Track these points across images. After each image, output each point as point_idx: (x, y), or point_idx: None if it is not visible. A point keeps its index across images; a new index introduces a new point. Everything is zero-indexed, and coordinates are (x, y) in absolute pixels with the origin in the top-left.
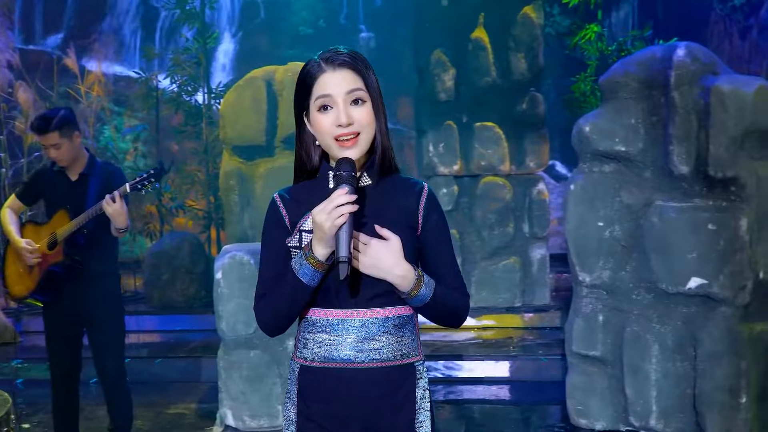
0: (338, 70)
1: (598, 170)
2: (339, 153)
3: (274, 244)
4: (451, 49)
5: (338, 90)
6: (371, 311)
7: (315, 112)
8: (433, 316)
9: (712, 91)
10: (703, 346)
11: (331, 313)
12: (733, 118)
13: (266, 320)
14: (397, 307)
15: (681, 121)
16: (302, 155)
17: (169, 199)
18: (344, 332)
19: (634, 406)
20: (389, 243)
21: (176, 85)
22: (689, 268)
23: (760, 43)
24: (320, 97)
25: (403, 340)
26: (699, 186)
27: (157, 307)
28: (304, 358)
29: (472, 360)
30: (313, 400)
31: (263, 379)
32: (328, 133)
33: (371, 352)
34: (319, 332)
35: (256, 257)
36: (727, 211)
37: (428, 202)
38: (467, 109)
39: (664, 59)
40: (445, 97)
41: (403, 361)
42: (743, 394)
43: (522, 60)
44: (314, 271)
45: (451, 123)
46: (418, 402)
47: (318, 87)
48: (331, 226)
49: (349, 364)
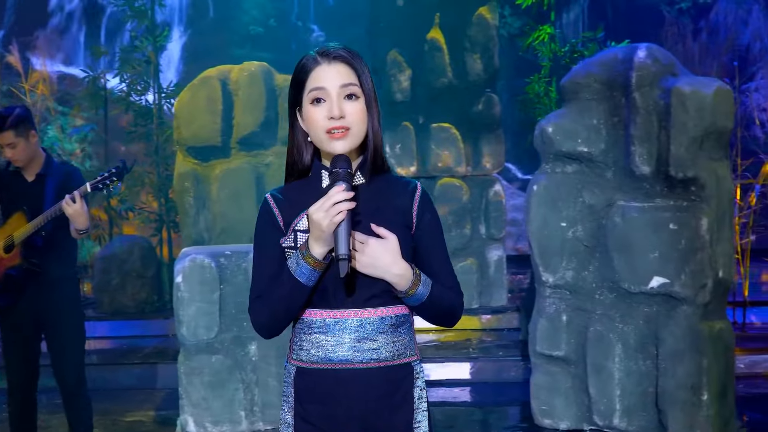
0: (333, 64)
1: (560, 171)
2: (329, 146)
3: (267, 244)
4: (407, 49)
5: (332, 83)
6: (368, 311)
7: (308, 104)
8: (429, 315)
9: (673, 92)
10: (665, 344)
11: (328, 314)
12: (693, 119)
13: (263, 322)
14: (393, 307)
15: (642, 122)
16: (294, 152)
17: (118, 201)
18: (341, 333)
19: (597, 405)
20: (386, 241)
21: (125, 84)
22: (651, 267)
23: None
24: (314, 90)
25: (401, 339)
26: (660, 186)
27: (107, 313)
28: (300, 360)
29: (433, 362)
30: (311, 402)
31: (225, 384)
32: (320, 125)
33: (369, 353)
34: (315, 333)
35: (218, 260)
36: (688, 211)
37: (422, 201)
38: (423, 110)
39: (626, 60)
40: (402, 98)
41: (400, 361)
42: (705, 392)
43: (478, 61)
44: (312, 270)
45: (407, 124)
46: (416, 402)
47: (312, 80)
48: (330, 224)
49: (347, 364)
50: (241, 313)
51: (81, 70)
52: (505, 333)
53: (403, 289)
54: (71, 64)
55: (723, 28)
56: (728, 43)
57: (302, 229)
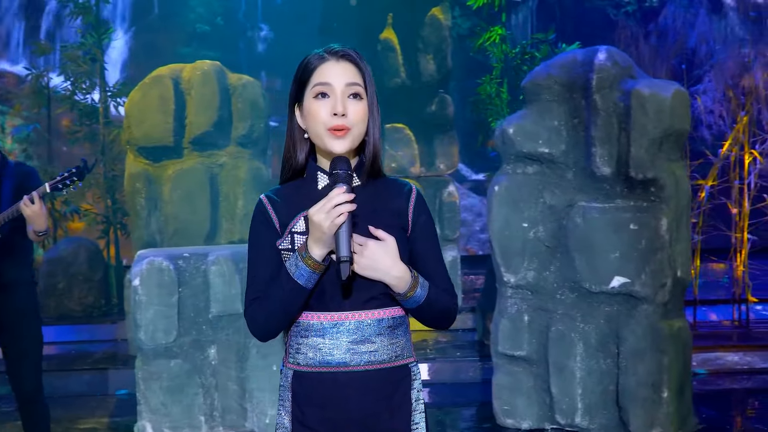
0: (341, 62)
1: (521, 172)
2: (328, 143)
3: (263, 246)
4: (360, 49)
5: (339, 80)
6: (366, 313)
7: (311, 99)
8: (426, 317)
9: (633, 94)
10: (626, 343)
11: (325, 317)
12: (652, 121)
13: (260, 324)
14: (391, 308)
15: (603, 124)
16: (289, 149)
17: (62, 202)
18: (339, 335)
19: (559, 404)
20: (385, 244)
21: (70, 82)
22: (612, 267)
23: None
24: (319, 85)
25: (398, 341)
26: (620, 187)
27: (53, 318)
28: (297, 363)
29: None
30: (309, 405)
31: (184, 389)
32: (322, 121)
33: (367, 355)
34: (312, 336)
35: (176, 262)
36: (648, 212)
37: (417, 203)
38: None
39: (585, 63)
40: None
41: (398, 363)
42: (665, 389)
43: (431, 61)
44: (311, 272)
45: None
46: (414, 404)
47: (318, 75)
48: (331, 226)
49: (344, 367)
50: (199, 317)
51: (24, 67)
52: (460, 334)
53: (401, 291)
54: (9, 61)
55: (672, 31)
56: (677, 46)
57: (299, 231)
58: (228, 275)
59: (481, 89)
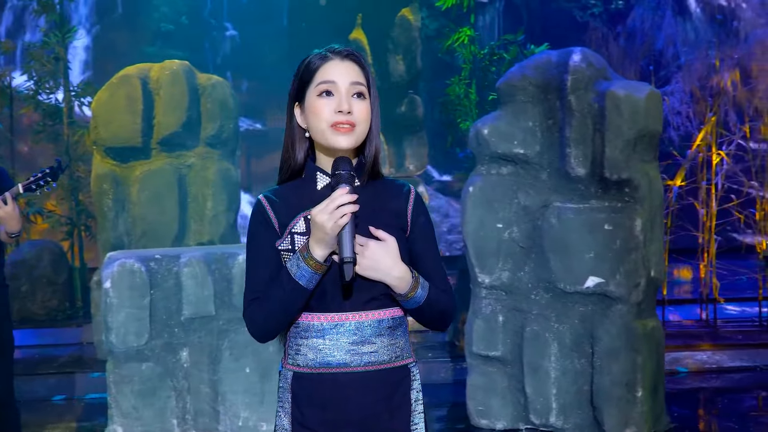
0: (345, 61)
1: (495, 172)
2: (333, 140)
3: (263, 246)
4: None
5: (343, 79)
6: (366, 314)
7: (314, 96)
8: (426, 317)
9: (608, 95)
10: (600, 343)
11: (326, 318)
12: (627, 122)
13: (259, 325)
14: (390, 309)
15: (577, 125)
16: (289, 150)
17: (25, 203)
18: (339, 336)
19: (534, 404)
20: (386, 244)
21: (33, 82)
22: (587, 267)
23: (627, 50)
24: (323, 83)
25: (397, 342)
26: (595, 188)
27: (16, 321)
28: (297, 364)
29: None
30: (309, 406)
31: (156, 392)
32: (326, 118)
33: (367, 356)
34: (312, 337)
35: (148, 264)
36: (623, 212)
37: (416, 204)
38: None
39: (560, 64)
40: None
41: (397, 363)
42: (639, 388)
43: (400, 62)
44: (312, 273)
45: None
46: (413, 404)
47: (322, 73)
48: (334, 226)
49: (344, 368)
50: (171, 319)
51: None
52: (431, 335)
53: (402, 291)
54: None
55: (640, 33)
56: (645, 48)
57: (299, 231)
58: (200, 277)
59: (449, 90)
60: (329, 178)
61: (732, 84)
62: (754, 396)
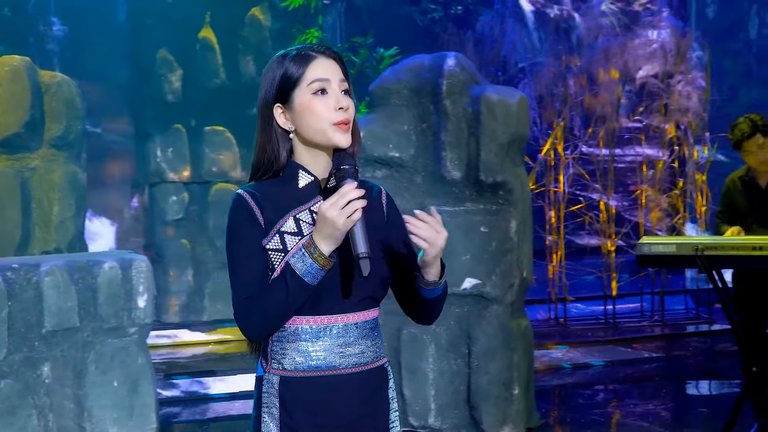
0: (329, 59)
1: (370, 176)
2: (334, 138)
3: (250, 242)
4: (178, 48)
5: (334, 76)
6: (352, 315)
7: (308, 96)
8: (438, 306)
9: (482, 100)
10: (478, 343)
11: (314, 321)
12: (501, 126)
13: (256, 325)
14: (372, 310)
15: (453, 129)
16: (268, 150)
17: None
18: (327, 339)
19: (413, 405)
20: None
21: None
22: (463, 269)
23: (477, 55)
24: (317, 81)
25: (377, 342)
26: (470, 191)
27: None
28: (284, 368)
29: (226, 375)
30: (298, 411)
31: (16, 411)
32: (326, 117)
33: (353, 357)
34: (301, 341)
35: (4, 274)
36: (498, 215)
37: (389, 201)
38: (196, 112)
39: (434, 68)
40: (173, 99)
41: (377, 364)
42: (516, 386)
43: (251, 62)
44: (319, 269)
45: (179, 126)
46: (391, 403)
47: (313, 71)
48: (346, 222)
49: (333, 371)
50: (31, 332)
51: None
52: None
53: (436, 277)
54: None
55: (489, 39)
56: (493, 53)
57: (290, 231)
58: (63, 287)
59: None
60: (311, 176)
61: (579, 89)
62: (610, 389)
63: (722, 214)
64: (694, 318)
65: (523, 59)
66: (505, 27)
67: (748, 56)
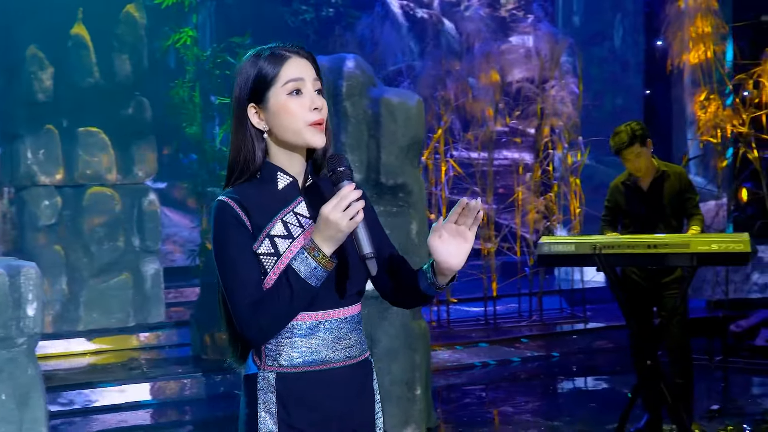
0: (302, 58)
1: None
2: (310, 138)
3: (243, 247)
4: (48, 45)
5: (309, 76)
6: (343, 310)
7: (284, 96)
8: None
9: (382, 102)
10: (380, 344)
11: (309, 317)
12: (401, 128)
13: (263, 327)
14: (358, 305)
15: (353, 131)
16: (243, 151)
17: None
18: (322, 334)
19: None
20: None
21: None
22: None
23: None
24: (292, 81)
25: (362, 335)
26: (370, 193)
27: None
28: (279, 365)
29: (109, 386)
30: (296, 406)
31: None
32: (302, 117)
33: (345, 351)
34: (296, 337)
35: None
36: (399, 216)
37: (363, 195)
38: (68, 113)
39: (333, 69)
40: (44, 99)
41: (364, 356)
42: (418, 386)
43: (126, 61)
44: (323, 271)
45: (51, 127)
46: (375, 394)
47: (287, 71)
48: (350, 224)
49: (327, 365)
50: None
51: None
52: (168, 350)
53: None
54: None
55: (369, 42)
56: (374, 57)
57: (279, 234)
58: None
59: (173, 93)
60: (290, 177)
61: (457, 94)
62: (500, 388)
63: (606, 217)
64: (569, 317)
65: (399, 62)
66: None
67: (614, 63)
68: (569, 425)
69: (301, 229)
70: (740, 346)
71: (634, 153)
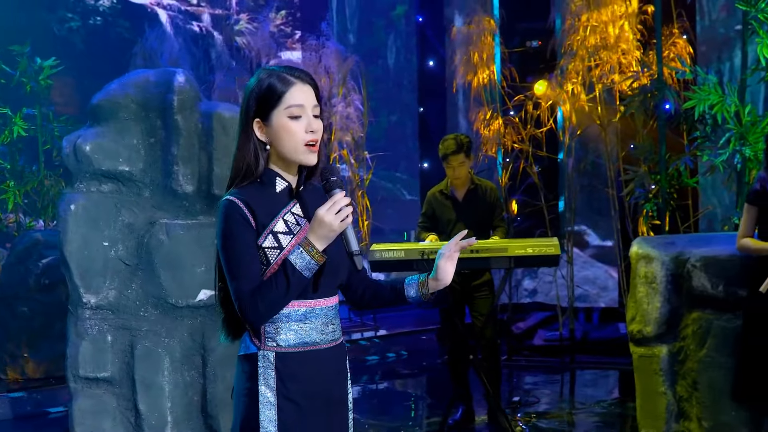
0: (306, 85)
1: (96, 190)
2: (305, 157)
3: (248, 242)
4: None
5: (309, 102)
6: (329, 299)
7: (285, 119)
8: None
9: (214, 116)
10: (214, 354)
11: (304, 304)
12: (233, 141)
13: (261, 312)
14: (338, 295)
15: (185, 143)
16: (246, 159)
17: None
18: (313, 319)
19: (149, 420)
20: None
21: None
22: (198, 281)
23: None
24: (293, 106)
25: (339, 321)
26: (201, 204)
27: None
28: (278, 345)
29: None
30: (293, 381)
31: None
32: (299, 138)
33: (330, 334)
34: (292, 321)
35: None
36: None
37: None
38: None
39: (161, 83)
40: None
41: (341, 339)
42: None
43: None
44: (316, 264)
45: None
46: (348, 373)
47: (290, 97)
48: (341, 225)
49: (316, 346)
50: None
51: None
52: None
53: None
54: None
55: (157, 54)
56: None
57: (281, 231)
58: None
59: None
60: (286, 182)
61: None
62: None
63: (423, 223)
64: (359, 325)
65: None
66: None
67: (387, 82)
68: (398, 423)
69: (299, 227)
70: (521, 346)
71: (459, 161)
